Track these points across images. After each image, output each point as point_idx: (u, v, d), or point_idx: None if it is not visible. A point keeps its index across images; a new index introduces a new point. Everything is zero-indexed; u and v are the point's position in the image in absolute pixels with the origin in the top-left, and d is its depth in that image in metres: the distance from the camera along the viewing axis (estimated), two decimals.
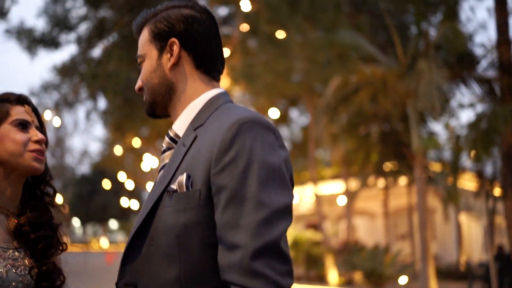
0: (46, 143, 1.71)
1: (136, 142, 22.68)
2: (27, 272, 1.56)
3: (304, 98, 15.99)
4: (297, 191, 21.26)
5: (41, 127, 1.78)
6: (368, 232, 22.91)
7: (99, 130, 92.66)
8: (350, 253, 12.55)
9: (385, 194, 16.60)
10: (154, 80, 1.46)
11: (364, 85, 10.43)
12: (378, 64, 11.17)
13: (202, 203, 1.27)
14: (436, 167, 15.86)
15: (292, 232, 15.87)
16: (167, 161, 1.44)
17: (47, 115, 29.11)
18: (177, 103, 1.47)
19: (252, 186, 1.22)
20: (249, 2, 18.86)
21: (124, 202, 33.03)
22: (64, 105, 28.09)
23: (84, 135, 64.15)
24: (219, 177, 1.25)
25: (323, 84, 13.61)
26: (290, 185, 1.30)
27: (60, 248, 1.69)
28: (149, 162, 23.05)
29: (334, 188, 22.02)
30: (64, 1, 23.42)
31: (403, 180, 16.89)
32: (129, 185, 28.53)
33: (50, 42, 24.85)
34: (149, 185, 30.13)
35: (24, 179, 1.67)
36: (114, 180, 32.54)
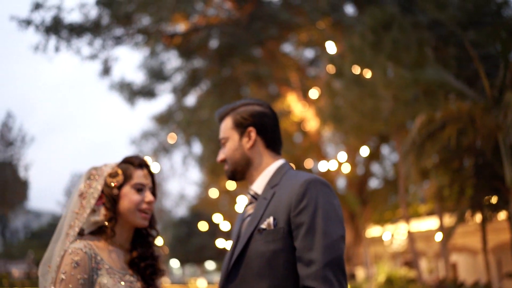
0: (155, 197, 2.27)
1: (231, 185, 23.53)
2: None
3: (393, 135, 16.07)
4: (390, 228, 21.01)
5: (153, 187, 2.30)
6: (469, 269, 22.02)
7: (194, 174, 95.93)
8: None
9: (483, 229, 16.01)
10: (236, 156, 2.22)
11: (451, 121, 10.46)
12: (465, 98, 11.17)
13: (285, 236, 1.97)
14: None
15: (386, 270, 15.74)
16: (251, 211, 2.16)
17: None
18: (253, 172, 2.22)
19: (320, 223, 1.93)
20: (334, 44, 19.44)
21: (220, 243, 33.86)
22: (161, 151, 29.81)
23: (181, 179, 66.80)
24: (297, 218, 1.95)
25: (411, 121, 13.70)
26: (343, 220, 2.00)
27: (161, 273, 2.25)
28: (243, 203, 23.70)
29: (429, 224, 21.51)
30: (159, 55, 25.13)
31: (503, 215, 16.31)
32: (225, 226, 29.34)
33: (147, 93, 26.71)
34: None
35: (133, 226, 2.22)
36: (210, 222, 33.60)
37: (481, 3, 16.61)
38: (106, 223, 2.16)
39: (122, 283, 2.07)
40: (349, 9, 21.35)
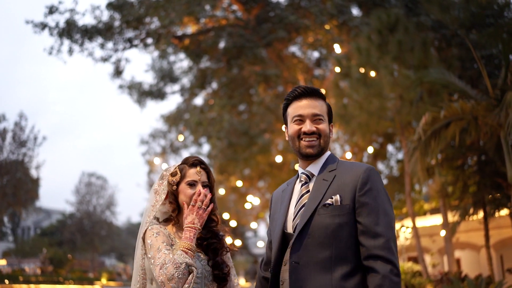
0: (212, 190, 2.82)
1: (239, 182, 23.99)
2: (206, 263, 2.69)
3: (399, 134, 16.52)
4: (396, 225, 21.43)
5: (209, 181, 2.82)
6: (472, 265, 22.41)
7: None
8: (451, 283, 12.73)
9: (486, 225, 16.42)
10: (328, 138, 2.59)
11: (454, 120, 10.89)
12: (467, 98, 11.59)
13: (350, 212, 2.37)
14: None
15: None
16: (309, 188, 2.54)
17: (156, 161, 31.40)
18: (323, 155, 2.60)
19: (381, 204, 2.37)
20: (339, 46, 19.88)
21: (228, 240, 34.15)
22: (170, 151, 30.25)
23: None
24: (361, 198, 2.37)
25: (415, 120, 14.15)
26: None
27: (225, 250, 2.81)
28: (251, 201, 24.17)
29: (434, 221, 21.94)
30: (168, 56, 25.60)
31: (505, 211, 16.66)
32: (232, 224, 29.75)
33: (156, 93, 27.22)
34: (253, 224, 31.29)
35: None
36: None
37: (483, 4, 16.99)
38: (171, 214, 2.74)
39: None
40: (354, 11, 21.78)
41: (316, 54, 25.09)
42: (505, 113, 10.10)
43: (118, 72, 23.17)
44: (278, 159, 22.25)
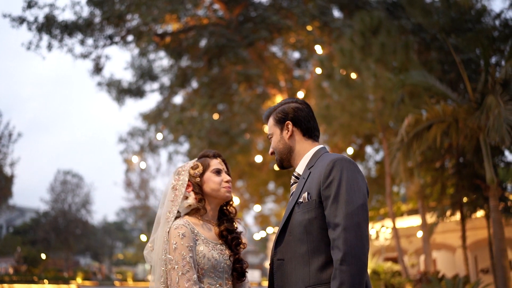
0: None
1: None
2: (228, 258, 2.71)
3: (379, 135, 16.69)
4: (375, 226, 21.67)
5: (228, 171, 2.90)
6: (447, 265, 22.80)
7: None
8: (429, 283, 12.94)
9: (463, 226, 16.74)
10: (280, 146, 2.70)
11: (436, 122, 11.07)
12: (448, 100, 11.79)
13: (317, 206, 2.44)
14: None
15: (371, 264, 16.37)
16: (294, 190, 2.66)
17: (134, 159, 31.18)
18: (296, 157, 2.70)
19: (343, 193, 2.38)
20: (321, 47, 20.01)
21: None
22: (148, 149, 30.05)
23: (166, 177, 66.92)
24: (325, 191, 2.42)
25: (397, 122, 14.32)
26: (365, 190, 2.46)
27: (243, 246, 2.84)
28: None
29: (411, 222, 22.25)
30: (148, 54, 25.40)
31: (481, 213, 16.97)
32: None
33: (136, 91, 26.99)
34: None
35: (220, 204, 2.83)
36: None
37: (462, 10, 17.30)
38: (198, 204, 2.76)
39: (215, 250, 2.65)
40: (335, 14, 21.94)
41: (296, 55, 25.22)
42: (485, 116, 10.31)
43: (98, 69, 22.95)
44: (258, 159, 22.31)
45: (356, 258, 2.23)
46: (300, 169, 2.65)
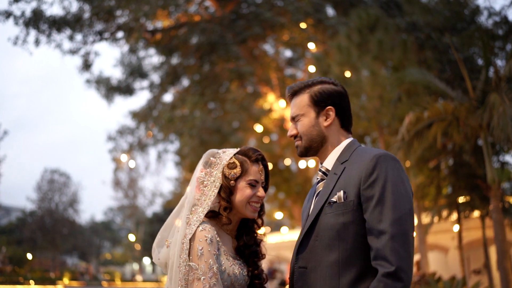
0: (266, 190, 2.42)
1: None
2: (246, 274, 2.31)
3: (374, 134, 16.45)
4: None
5: (266, 181, 2.42)
6: (440, 266, 22.65)
7: (169, 170, 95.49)
8: (427, 284, 12.72)
9: (460, 227, 16.61)
10: (313, 133, 2.29)
11: (437, 120, 10.83)
12: (448, 99, 11.57)
13: (355, 208, 2.07)
14: (511, 199, 15.78)
15: None
16: (321, 188, 2.26)
17: (123, 158, 30.76)
18: (328, 149, 2.31)
19: (389, 196, 2.02)
20: (314, 44, 19.75)
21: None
22: (137, 148, 29.67)
23: (155, 176, 66.50)
24: (366, 191, 2.05)
25: (394, 120, 14.07)
26: (411, 194, 2.11)
27: (263, 257, 2.43)
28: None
29: None
30: (138, 51, 25.02)
31: (475, 214, 16.83)
32: None
33: (125, 89, 26.58)
34: None
35: (242, 216, 2.37)
36: None
37: (457, 9, 17.14)
38: (222, 213, 2.31)
39: (236, 265, 2.26)
40: (329, 12, 21.71)
41: (288, 54, 24.98)
42: (488, 114, 10.08)
43: (86, 66, 22.49)
44: None
45: (407, 274, 1.94)
46: (328, 163, 2.29)
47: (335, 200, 2.11)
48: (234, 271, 2.23)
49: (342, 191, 2.10)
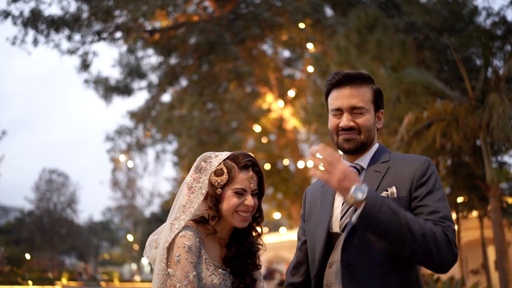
0: (261, 198, 2.31)
1: None
2: (230, 284, 2.20)
3: None
4: None
5: (260, 188, 2.29)
6: None
7: (167, 170, 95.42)
8: (426, 284, 12.71)
9: (459, 227, 16.60)
10: (372, 131, 2.30)
11: (436, 120, 10.83)
12: (447, 99, 11.56)
13: (407, 204, 2.14)
14: (509, 200, 15.79)
15: None
16: None
17: (121, 158, 30.73)
18: (369, 147, 2.32)
19: (438, 191, 2.16)
20: (312, 45, 19.74)
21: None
22: (135, 148, 29.65)
23: (153, 176, 66.44)
24: (418, 189, 2.16)
25: (393, 120, 14.05)
26: None
27: (256, 268, 2.33)
28: None
29: None
30: (136, 52, 25.01)
31: (474, 214, 16.83)
32: None
33: (123, 89, 26.56)
34: None
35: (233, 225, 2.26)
36: None
37: (455, 9, 17.15)
38: (210, 222, 2.22)
39: (215, 275, 2.17)
40: (328, 12, 21.72)
41: (286, 54, 25.00)
42: (487, 114, 10.07)
43: (85, 66, 22.47)
44: None
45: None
46: (363, 161, 2.32)
47: (385, 196, 2.16)
48: (213, 281, 2.15)
49: (394, 187, 2.18)
